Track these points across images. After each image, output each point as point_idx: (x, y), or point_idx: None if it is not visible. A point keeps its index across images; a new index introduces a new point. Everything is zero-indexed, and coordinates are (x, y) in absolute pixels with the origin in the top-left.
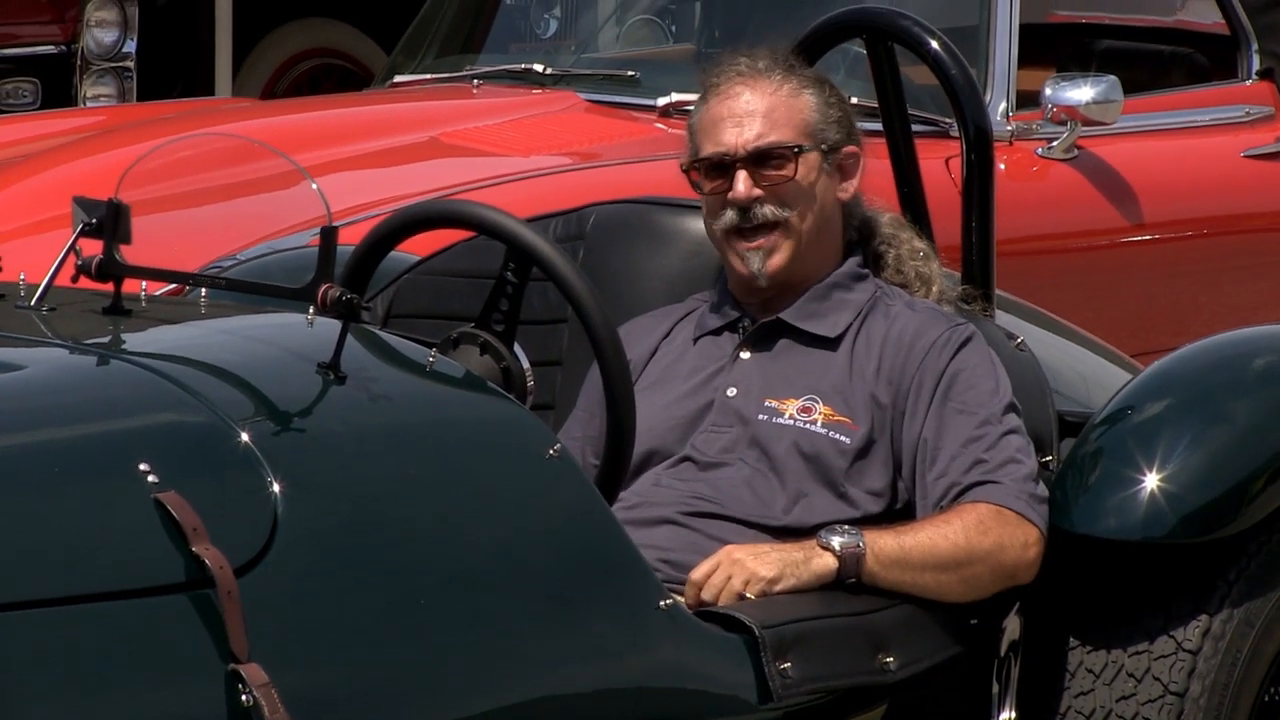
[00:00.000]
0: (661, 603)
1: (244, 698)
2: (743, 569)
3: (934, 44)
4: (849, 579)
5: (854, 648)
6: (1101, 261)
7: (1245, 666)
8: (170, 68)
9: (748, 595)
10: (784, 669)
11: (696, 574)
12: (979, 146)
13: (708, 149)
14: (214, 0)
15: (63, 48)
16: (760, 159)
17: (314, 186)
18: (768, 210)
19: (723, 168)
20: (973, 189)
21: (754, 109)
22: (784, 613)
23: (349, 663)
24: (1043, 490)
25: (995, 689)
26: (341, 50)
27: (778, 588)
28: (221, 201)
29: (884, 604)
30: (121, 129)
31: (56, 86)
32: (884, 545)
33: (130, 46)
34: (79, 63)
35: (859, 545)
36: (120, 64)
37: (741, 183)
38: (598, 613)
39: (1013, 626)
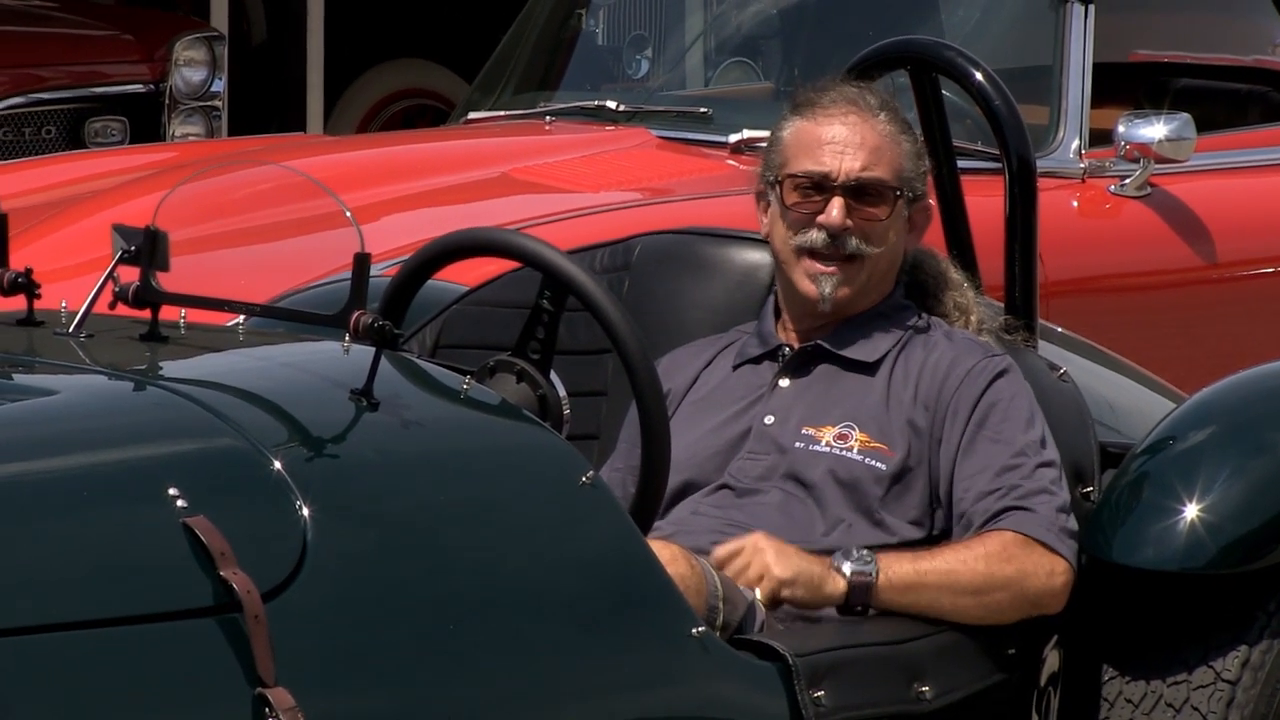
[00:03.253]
0: (694, 630)
1: None
2: (761, 561)
3: (978, 75)
4: (857, 606)
5: (889, 676)
6: (1175, 300)
7: None
8: (264, 107)
9: (756, 592)
10: (817, 697)
11: (720, 551)
12: (1022, 178)
13: (806, 165)
14: (306, 40)
15: (151, 87)
16: (859, 191)
17: (347, 214)
18: (855, 243)
19: (819, 189)
20: (1016, 220)
21: (861, 140)
22: (818, 641)
23: (377, 689)
24: (1074, 524)
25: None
26: (434, 91)
27: (785, 593)
28: (290, 237)
29: (920, 632)
30: (189, 166)
31: (145, 125)
32: (898, 571)
33: (219, 86)
34: (167, 101)
35: (869, 574)
36: (208, 103)
37: (837, 209)
38: (630, 641)
39: (1052, 658)
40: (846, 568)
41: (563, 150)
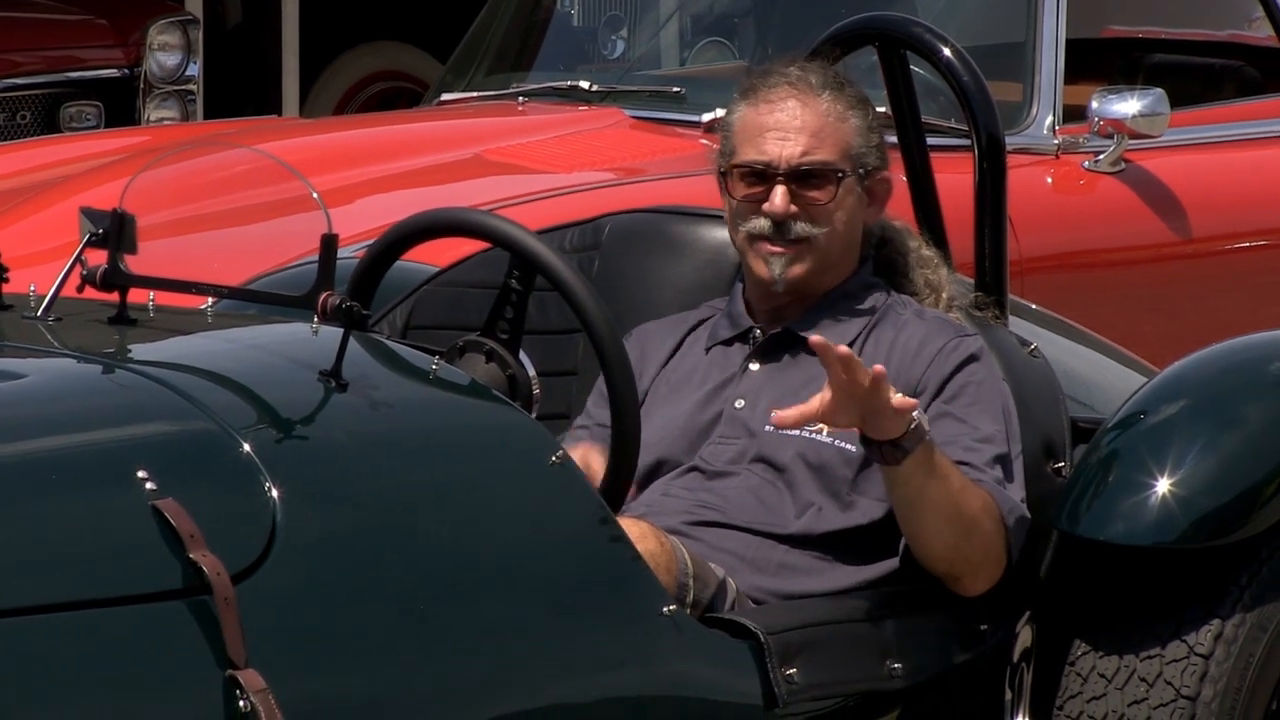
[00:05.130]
0: (665, 609)
1: (241, 704)
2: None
3: (946, 51)
4: (907, 445)
5: (861, 653)
6: (1150, 275)
7: (1258, 671)
8: (239, 91)
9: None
10: (790, 675)
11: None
12: (991, 154)
13: (749, 155)
14: (281, 24)
15: (126, 71)
16: (802, 176)
17: (314, 195)
18: (800, 227)
19: (762, 177)
20: (985, 196)
21: (802, 124)
22: (790, 618)
23: (348, 670)
24: (1020, 524)
25: (1008, 695)
26: (410, 74)
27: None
28: (262, 220)
29: (892, 610)
30: (162, 149)
31: (120, 110)
32: (941, 456)
33: (193, 70)
34: (142, 86)
35: (927, 432)
36: (183, 87)
37: (780, 197)
38: (601, 620)
39: (1025, 633)
40: (917, 413)
41: (535, 131)
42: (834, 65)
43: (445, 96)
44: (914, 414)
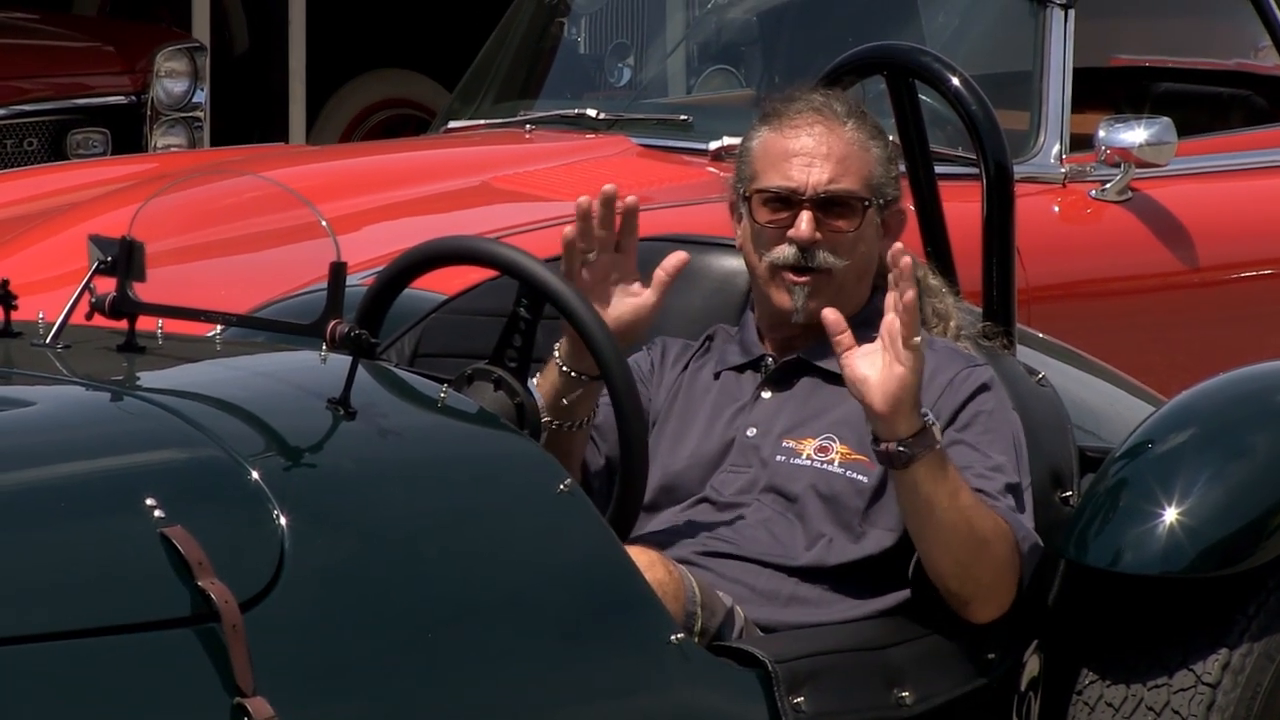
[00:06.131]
0: (673, 637)
1: None
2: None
3: (954, 80)
4: (909, 451)
5: (868, 682)
6: (1156, 304)
7: (1265, 700)
8: (246, 118)
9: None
10: (797, 703)
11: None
12: (999, 183)
13: (774, 180)
14: (288, 51)
15: (133, 98)
16: (827, 204)
17: (323, 223)
18: (825, 256)
19: (787, 203)
20: (993, 225)
21: (828, 151)
22: (797, 647)
23: (355, 698)
24: (1031, 554)
25: None
26: (417, 101)
27: (905, 369)
28: (270, 248)
29: (899, 638)
30: (170, 177)
31: (127, 137)
32: (952, 469)
33: (200, 97)
34: (149, 113)
35: (937, 438)
36: (190, 114)
37: (806, 223)
38: (609, 648)
39: (1032, 662)
40: (930, 416)
41: (543, 159)
42: (849, 92)
43: (452, 124)
44: (925, 419)
